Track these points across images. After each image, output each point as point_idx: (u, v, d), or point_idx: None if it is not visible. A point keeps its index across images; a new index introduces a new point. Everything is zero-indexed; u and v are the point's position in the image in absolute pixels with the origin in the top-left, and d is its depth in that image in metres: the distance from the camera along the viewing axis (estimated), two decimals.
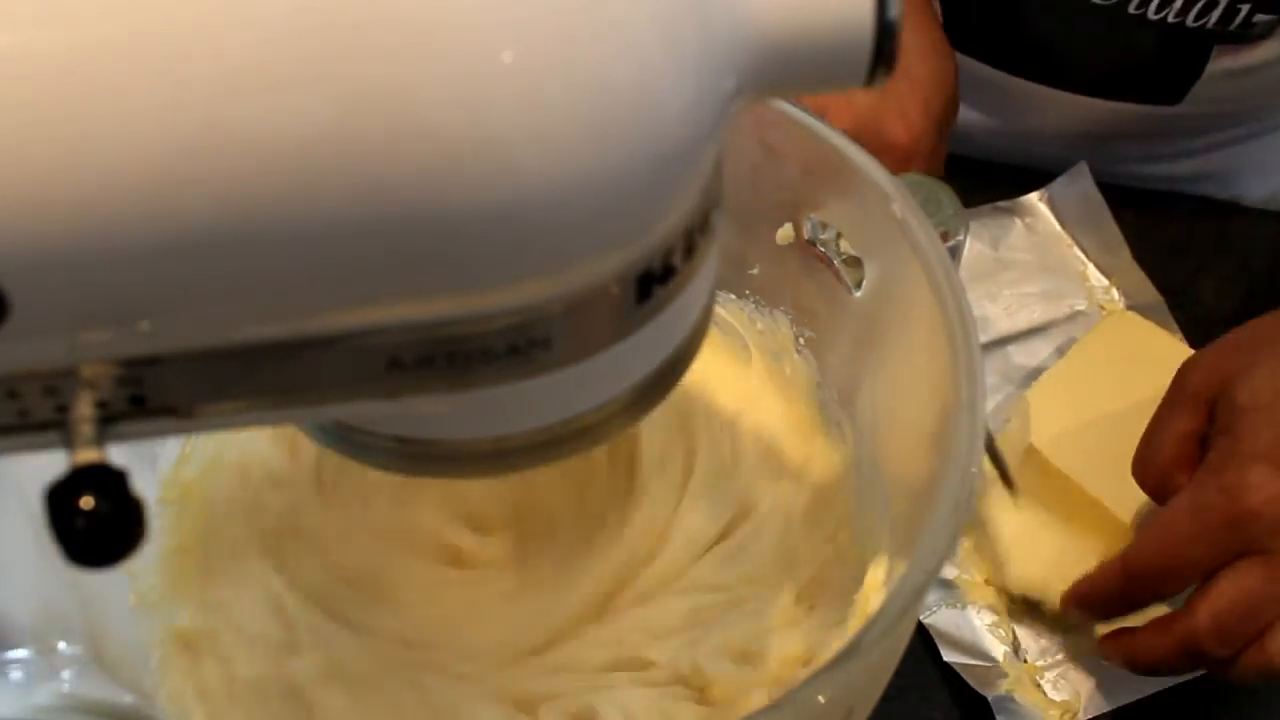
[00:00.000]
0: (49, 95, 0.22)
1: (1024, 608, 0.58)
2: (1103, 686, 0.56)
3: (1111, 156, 0.75)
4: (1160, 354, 0.64)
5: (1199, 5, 0.67)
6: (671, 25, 0.25)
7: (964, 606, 0.58)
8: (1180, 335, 0.68)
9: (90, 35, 0.22)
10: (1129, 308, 0.70)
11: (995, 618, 0.58)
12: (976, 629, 0.58)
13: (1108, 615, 0.54)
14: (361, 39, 0.23)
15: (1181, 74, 0.72)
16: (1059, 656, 0.58)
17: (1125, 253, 0.71)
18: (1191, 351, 0.64)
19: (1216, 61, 0.71)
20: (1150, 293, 0.70)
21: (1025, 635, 0.58)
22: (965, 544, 0.60)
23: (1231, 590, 0.48)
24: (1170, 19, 0.68)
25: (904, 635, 0.38)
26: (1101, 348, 0.64)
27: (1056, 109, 0.76)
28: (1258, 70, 0.72)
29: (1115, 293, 0.71)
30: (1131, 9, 0.69)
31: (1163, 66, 0.72)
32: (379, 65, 0.23)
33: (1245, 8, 0.67)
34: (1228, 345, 0.53)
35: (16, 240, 0.22)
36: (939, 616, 0.58)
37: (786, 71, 0.27)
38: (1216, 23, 0.68)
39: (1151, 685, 0.56)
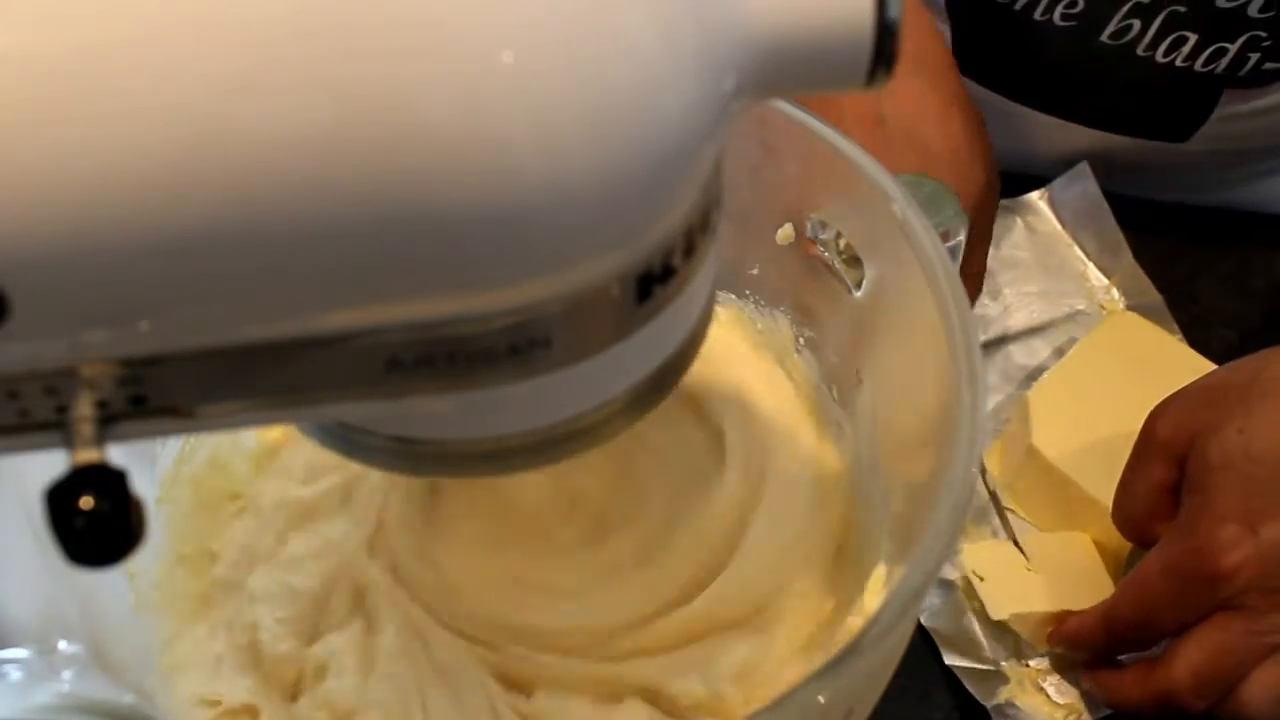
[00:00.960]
0: (49, 95, 0.22)
1: None
2: None
3: (1121, 186, 0.74)
4: (1160, 354, 0.64)
5: (1208, 51, 0.67)
6: (671, 25, 0.25)
7: (965, 608, 0.58)
8: (1180, 335, 0.68)
9: (90, 35, 0.22)
10: (1129, 308, 0.69)
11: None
12: (977, 631, 0.58)
13: (1092, 662, 0.55)
14: (362, 39, 0.23)
15: (1190, 114, 0.72)
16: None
17: (1125, 253, 0.71)
18: (1192, 352, 0.64)
19: (1226, 105, 0.70)
20: (1150, 293, 0.70)
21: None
22: (965, 546, 0.60)
23: (1208, 645, 0.49)
24: (1179, 63, 0.68)
25: (904, 635, 0.38)
26: (1102, 348, 0.64)
27: (1062, 137, 0.75)
28: (1268, 113, 0.71)
29: (1115, 293, 0.71)
30: (1140, 50, 0.68)
31: (1171, 106, 0.72)
32: (379, 66, 0.23)
33: (1255, 56, 0.66)
34: (1197, 397, 0.53)
35: (16, 240, 0.22)
36: (939, 618, 0.58)
37: (786, 71, 0.27)
38: (1226, 69, 0.67)
39: None
